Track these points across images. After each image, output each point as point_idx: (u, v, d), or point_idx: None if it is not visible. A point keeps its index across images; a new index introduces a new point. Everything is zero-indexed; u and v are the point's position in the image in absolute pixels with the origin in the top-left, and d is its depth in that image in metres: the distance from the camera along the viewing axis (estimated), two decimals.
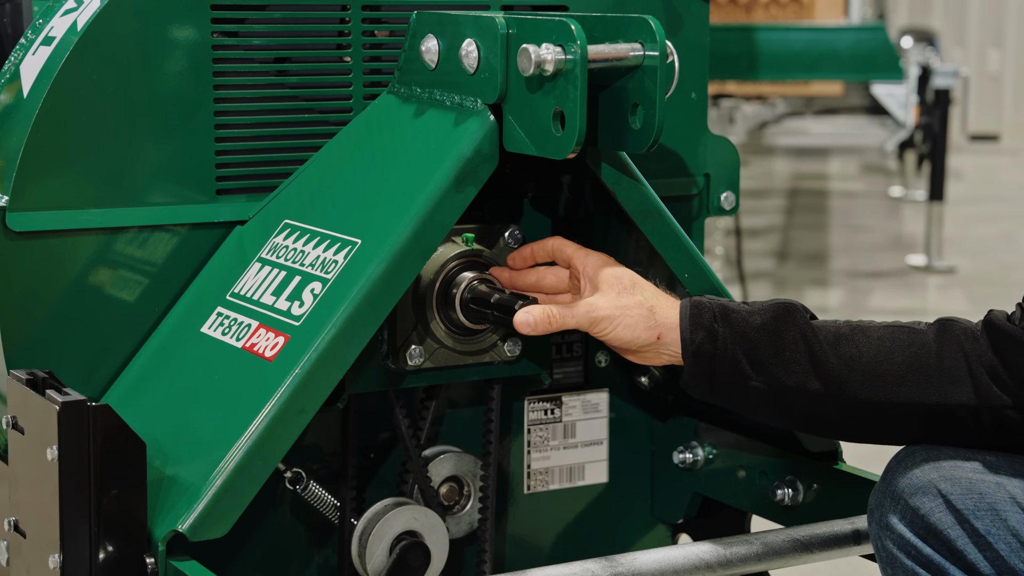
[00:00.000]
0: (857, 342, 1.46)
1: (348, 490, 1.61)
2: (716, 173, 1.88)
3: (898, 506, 1.42)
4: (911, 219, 7.39)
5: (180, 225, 1.62)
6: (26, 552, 1.41)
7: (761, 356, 1.46)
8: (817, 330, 1.47)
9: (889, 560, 1.43)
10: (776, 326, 1.46)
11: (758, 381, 1.46)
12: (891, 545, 1.42)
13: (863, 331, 1.47)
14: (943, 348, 1.45)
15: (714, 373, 1.46)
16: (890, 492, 1.43)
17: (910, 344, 1.46)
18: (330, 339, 1.43)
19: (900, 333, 1.47)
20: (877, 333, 1.47)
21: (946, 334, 1.46)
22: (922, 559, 1.40)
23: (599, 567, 1.46)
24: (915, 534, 1.41)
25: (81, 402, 1.34)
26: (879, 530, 1.44)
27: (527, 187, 1.64)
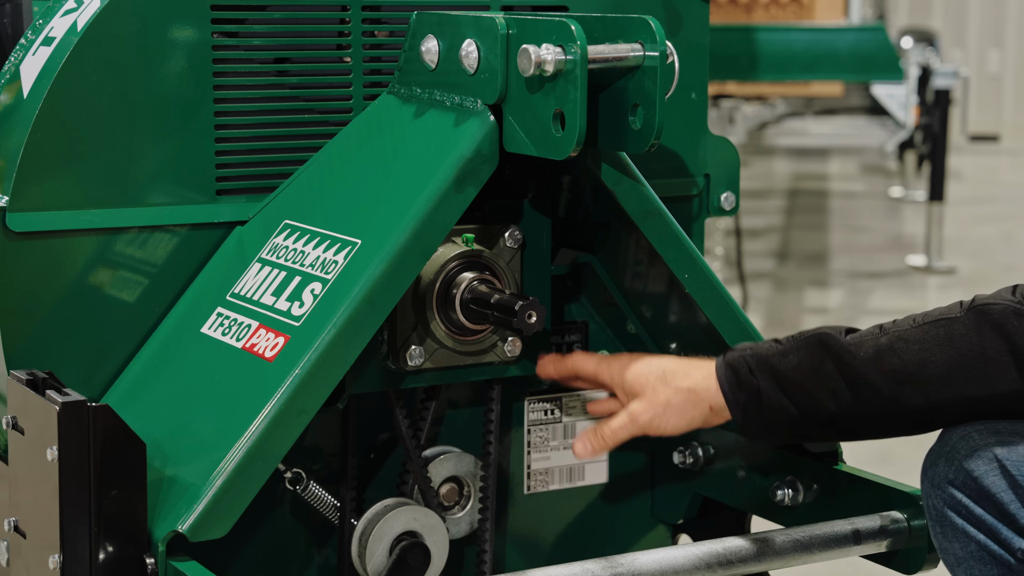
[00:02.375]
0: (898, 351, 1.45)
1: (348, 490, 1.61)
2: (716, 173, 1.88)
3: (952, 466, 1.42)
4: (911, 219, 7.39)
5: (180, 225, 1.62)
6: (26, 552, 1.41)
7: (805, 397, 1.48)
8: (854, 353, 1.46)
9: (939, 518, 1.44)
10: (812, 362, 1.48)
11: (811, 419, 1.48)
12: (942, 504, 1.43)
13: (902, 338, 1.46)
14: (984, 338, 1.42)
15: (769, 424, 1.50)
16: (945, 452, 1.43)
17: (950, 339, 1.43)
18: (330, 339, 1.43)
19: (938, 330, 1.44)
20: (916, 335, 1.45)
21: (984, 321, 1.43)
22: (973, 519, 1.41)
23: (599, 567, 1.46)
24: (967, 495, 1.41)
25: (81, 402, 1.34)
26: (931, 488, 1.44)
27: (527, 187, 1.64)
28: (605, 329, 1.79)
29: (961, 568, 1.43)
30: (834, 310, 5.54)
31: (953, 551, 1.43)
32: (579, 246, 1.72)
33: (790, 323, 5.28)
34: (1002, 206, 7.85)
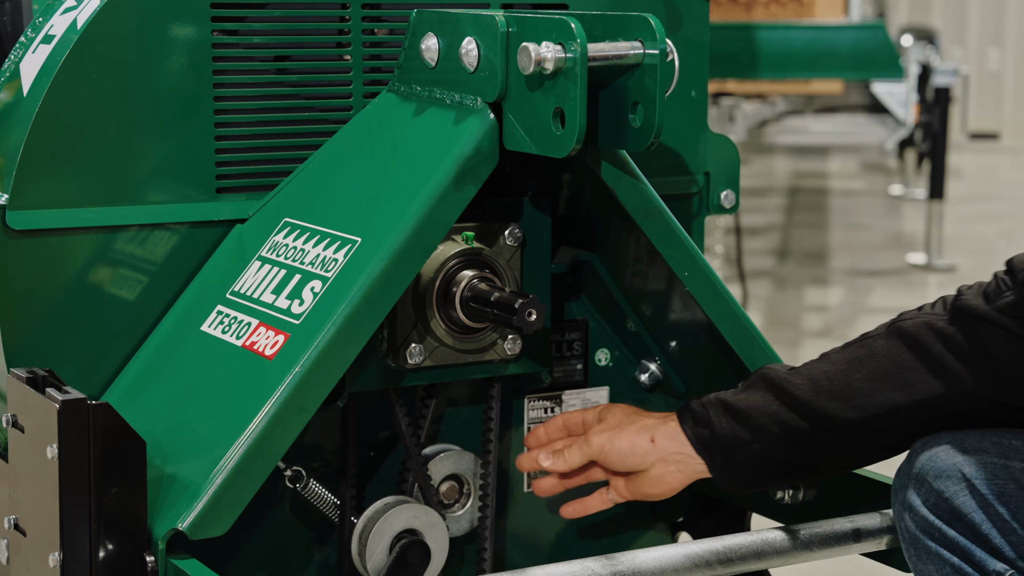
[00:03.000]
0: (827, 373, 1.50)
1: (348, 488, 1.61)
2: (716, 171, 1.88)
3: (922, 488, 1.42)
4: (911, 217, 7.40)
5: (180, 223, 1.62)
6: (26, 550, 1.41)
7: (750, 424, 1.51)
8: (791, 380, 1.52)
9: (912, 541, 1.43)
10: (756, 393, 1.53)
11: (759, 442, 1.52)
12: (914, 527, 1.43)
13: (829, 360, 1.52)
14: (898, 351, 1.46)
15: (725, 449, 1.53)
16: (914, 474, 1.43)
17: (870, 355, 1.48)
18: (330, 337, 1.43)
19: (860, 350, 1.50)
20: (842, 356, 1.51)
21: (898, 336, 1.47)
22: (946, 541, 1.41)
23: (599, 565, 1.46)
24: (938, 517, 1.41)
25: (81, 400, 1.34)
26: (902, 511, 1.44)
27: (527, 186, 1.64)
28: (605, 327, 1.79)
29: None
30: (834, 308, 5.54)
31: (928, 573, 1.43)
32: (579, 244, 1.72)
33: (790, 321, 5.28)
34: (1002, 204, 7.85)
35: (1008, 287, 1.43)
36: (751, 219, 7.06)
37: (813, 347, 4.79)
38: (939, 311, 1.48)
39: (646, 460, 1.56)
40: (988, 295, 1.44)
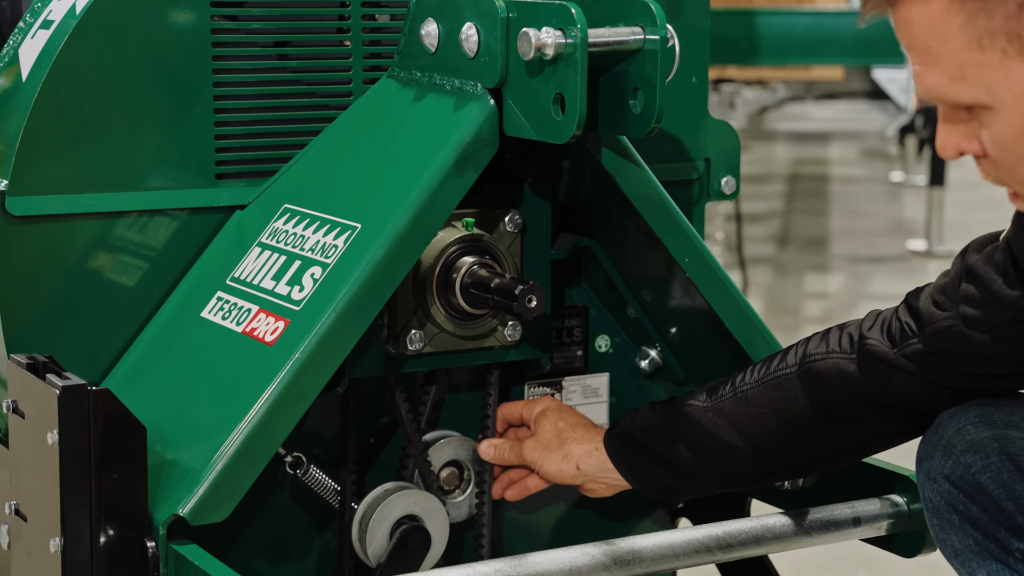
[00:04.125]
0: (749, 416, 1.53)
1: (348, 474, 1.62)
2: (717, 158, 1.87)
3: (948, 460, 1.42)
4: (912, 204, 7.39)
5: (180, 210, 1.62)
6: (27, 536, 1.42)
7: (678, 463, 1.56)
8: (712, 420, 1.55)
9: (935, 511, 1.44)
10: (677, 426, 1.57)
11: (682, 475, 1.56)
12: (938, 498, 1.43)
13: (748, 400, 1.54)
14: (811, 401, 1.50)
15: (652, 480, 1.57)
16: (941, 445, 1.44)
17: (784, 402, 1.52)
18: (330, 324, 1.43)
19: (774, 392, 1.52)
20: (758, 397, 1.53)
21: (808, 381, 1.50)
22: (969, 515, 1.41)
23: (599, 551, 1.46)
24: (962, 491, 1.41)
25: (81, 386, 1.34)
26: (927, 482, 1.45)
27: (527, 172, 1.64)
28: (605, 313, 1.79)
29: (959, 560, 1.43)
30: (834, 295, 5.54)
31: (951, 543, 1.43)
32: (579, 230, 1.72)
33: (790, 308, 5.28)
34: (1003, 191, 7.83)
35: (914, 333, 1.45)
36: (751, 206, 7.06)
37: None
38: (845, 349, 1.50)
39: (574, 482, 1.64)
40: (892, 337, 1.47)
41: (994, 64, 1.22)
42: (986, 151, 1.27)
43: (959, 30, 1.22)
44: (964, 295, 1.40)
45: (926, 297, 1.45)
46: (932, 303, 1.44)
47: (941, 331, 1.42)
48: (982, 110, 1.25)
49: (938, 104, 1.30)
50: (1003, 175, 1.29)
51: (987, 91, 1.23)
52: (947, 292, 1.43)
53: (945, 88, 1.26)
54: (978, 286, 1.39)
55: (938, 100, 1.28)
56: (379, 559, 1.59)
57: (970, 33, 1.22)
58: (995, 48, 1.21)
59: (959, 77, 1.25)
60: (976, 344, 1.40)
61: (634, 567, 1.47)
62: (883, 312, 1.50)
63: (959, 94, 1.26)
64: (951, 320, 1.41)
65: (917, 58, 1.27)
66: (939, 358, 1.43)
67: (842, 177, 8.38)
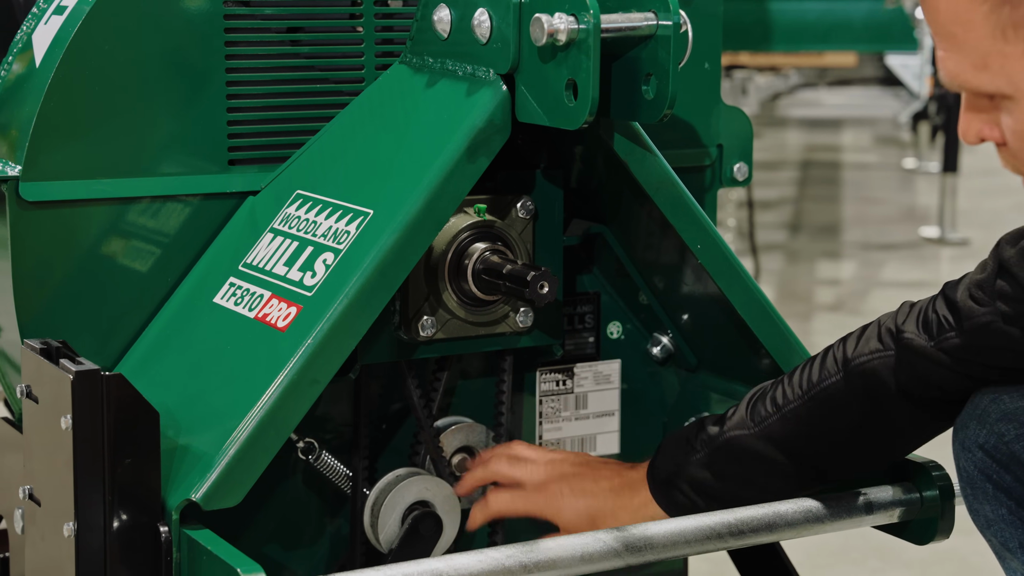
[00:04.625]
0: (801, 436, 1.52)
1: (360, 460, 1.62)
2: (729, 144, 1.87)
3: (983, 429, 1.42)
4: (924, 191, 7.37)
5: (192, 195, 1.62)
6: (41, 520, 1.42)
7: (731, 497, 1.54)
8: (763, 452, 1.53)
9: (969, 481, 1.44)
10: (729, 470, 1.54)
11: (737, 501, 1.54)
12: (972, 467, 1.43)
13: (798, 419, 1.52)
14: (862, 405, 1.48)
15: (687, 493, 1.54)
16: (976, 415, 1.43)
17: (832, 412, 1.50)
18: (342, 310, 1.43)
19: (822, 407, 1.50)
20: (807, 415, 1.51)
21: (858, 384, 1.48)
22: (1003, 485, 1.41)
23: (611, 538, 1.46)
24: (995, 460, 1.41)
25: (95, 371, 1.34)
26: (961, 451, 1.44)
27: (539, 158, 1.64)
28: (617, 300, 1.79)
29: (991, 530, 1.43)
30: (846, 282, 5.53)
31: (984, 513, 1.43)
32: (591, 217, 1.72)
33: (802, 295, 5.27)
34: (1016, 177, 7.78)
35: (952, 327, 1.44)
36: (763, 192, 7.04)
37: (825, 321, 4.78)
38: (888, 346, 1.48)
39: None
40: (929, 330, 1.45)
41: (1016, 55, 1.22)
42: (1006, 139, 1.27)
43: (983, 19, 1.22)
44: (999, 291, 1.40)
45: (964, 291, 1.43)
46: (970, 297, 1.42)
47: (980, 327, 1.41)
48: (1003, 99, 1.25)
49: (960, 91, 1.29)
50: (1021, 164, 1.29)
51: (1008, 81, 1.23)
52: (984, 287, 1.42)
53: (967, 75, 1.26)
54: (1011, 283, 1.39)
55: (960, 87, 1.28)
56: (391, 545, 1.59)
57: (994, 23, 1.21)
58: (1018, 39, 1.21)
59: (981, 66, 1.25)
60: (1015, 340, 1.39)
61: (646, 553, 1.47)
62: (917, 304, 1.49)
63: (981, 82, 1.26)
64: (990, 316, 1.40)
65: (941, 43, 1.27)
66: (977, 353, 1.43)
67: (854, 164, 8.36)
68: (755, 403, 1.54)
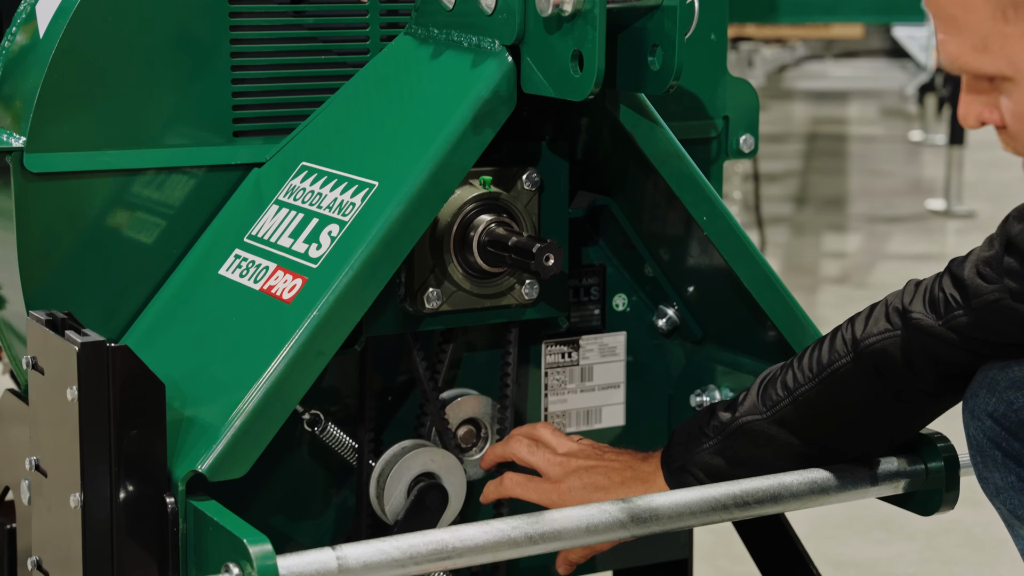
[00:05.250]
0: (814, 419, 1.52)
1: (366, 432, 1.62)
2: (735, 116, 1.86)
3: (992, 397, 1.42)
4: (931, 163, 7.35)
5: (197, 167, 1.62)
6: (47, 491, 1.43)
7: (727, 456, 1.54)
8: (776, 436, 1.53)
9: (978, 448, 1.44)
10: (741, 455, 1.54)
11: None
12: (981, 435, 1.43)
13: (809, 404, 1.52)
14: (872, 385, 1.48)
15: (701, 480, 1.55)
16: (986, 383, 1.43)
17: (845, 391, 1.50)
18: (348, 281, 1.43)
19: (833, 387, 1.50)
20: (818, 398, 1.51)
21: (868, 365, 1.48)
22: (1012, 452, 1.41)
23: (617, 509, 1.46)
24: (1004, 428, 1.41)
25: (100, 343, 1.34)
26: (971, 419, 1.45)
27: (545, 130, 1.63)
28: (623, 272, 1.79)
29: (1000, 498, 1.43)
30: (852, 255, 5.53)
31: (993, 481, 1.43)
32: (597, 189, 1.72)
33: (808, 268, 5.27)
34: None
35: (959, 305, 1.43)
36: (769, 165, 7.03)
37: (831, 293, 4.78)
38: (896, 325, 1.48)
39: None
40: (936, 309, 1.45)
41: (1016, 36, 1.21)
42: (1006, 122, 1.27)
43: (984, 0, 1.21)
44: (1008, 268, 1.39)
45: (971, 268, 1.43)
46: (978, 275, 1.42)
47: (988, 304, 1.40)
48: (1003, 81, 1.25)
49: (960, 73, 1.29)
50: (1021, 147, 1.29)
51: (1009, 63, 1.23)
52: (992, 264, 1.41)
53: (967, 58, 1.25)
54: (1020, 259, 1.38)
55: (960, 69, 1.28)
56: (396, 516, 1.60)
57: (994, 3, 1.21)
58: (1019, 19, 1.20)
59: (982, 48, 1.24)
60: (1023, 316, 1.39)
61: (651, 524, 1.47)
62: (923, 282, 1.49)
63: (981, 64, 1.25)
64: (998, 293, 1.40)
65: (941, 26, 1.26)
66: (985, 331, 1.42)
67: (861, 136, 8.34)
68: (765, 388, 1.54)
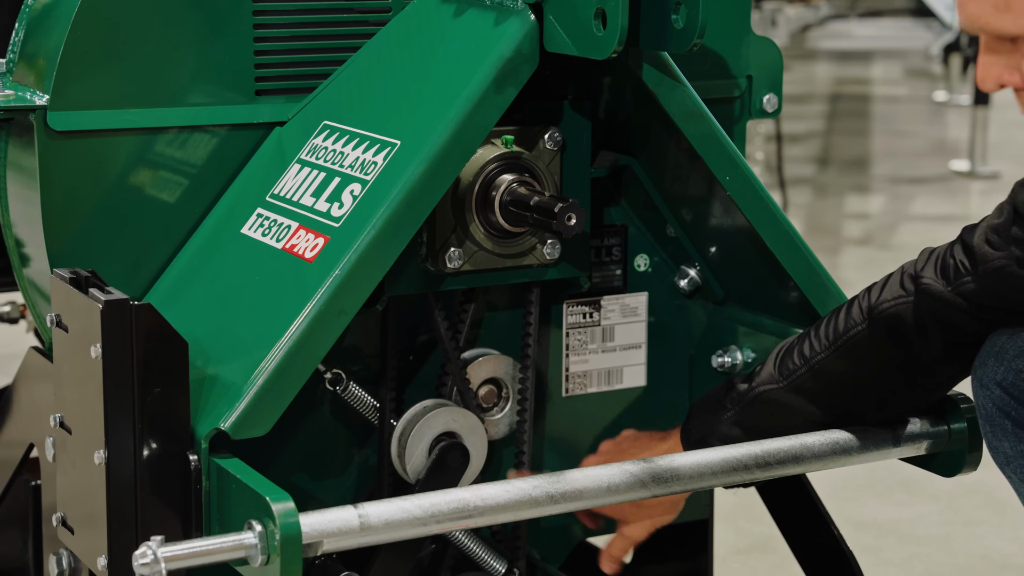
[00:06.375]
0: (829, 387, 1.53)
1: (388, 391, 1.63)
2: (759, 75, 1.85)
3: (1000, 367, 1.42)
4: (955, 124, 7.30)
5: (219, 126, 1.62)
6: (72, 448, 1.44)
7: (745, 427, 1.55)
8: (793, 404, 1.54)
9: (988, 418, 1.44)
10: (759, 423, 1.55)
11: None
12: (991, 404, 1.43)
13: (825, 371, 1.52)
14: (886, 350, 1.49)
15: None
16: (995, 352, 1.43)
17: (859, 359, 1.50)
18: (369, 240, 1.43)
19: (848, 355, 1.50)
20: (833, 366, 1.51)
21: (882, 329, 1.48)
22: (1021, 421, 1.41)
23: (638, 468, 1.47)
24: (1013, 397, 1.41)
25: (124, 301, 1.35)
26: (980, 388, 1.45)
27: (567, 89, 1.62)
28: (645, 232, 1.78)
29: (1011, 467, 1.43)
30: (875, 216, 5.50)
31: (1003, 450, 1.43)
32: (619, 148, 1.71)
33: (830, 229, 5.25)
34: None
35: (967, 271, 1.43)
36: (792, 126, 6.99)
37: (854, 255, 4.76)
38: (909, 291, 1.48)
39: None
40: (947, 275, 1.45)
41: None
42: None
43: None
44: (1015, 237, 1.39)
45: (980, 235, 1.43)
46: (986, 242, 1.42)
47: (994, 271, 1.40)
48: None
49: (980, 34, 1.27)
50: None
51: None
52: (1000, 232, 1.41)
53: (989, 17, 1.24)
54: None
55: (980, 29, 1.26)
56: (418, 475, 1.60)
57: None
58: None
59: (1004, 6, 1.23)
60: None
61: (672, 485, 1.48)
62: (936, 249, 1.49)
63: (1003, 24, 1.24)
64: (1004, 260, 1.40)
65: None
66: (992, 298, 1.42)
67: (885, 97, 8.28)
68: (782, 358, 1.54)
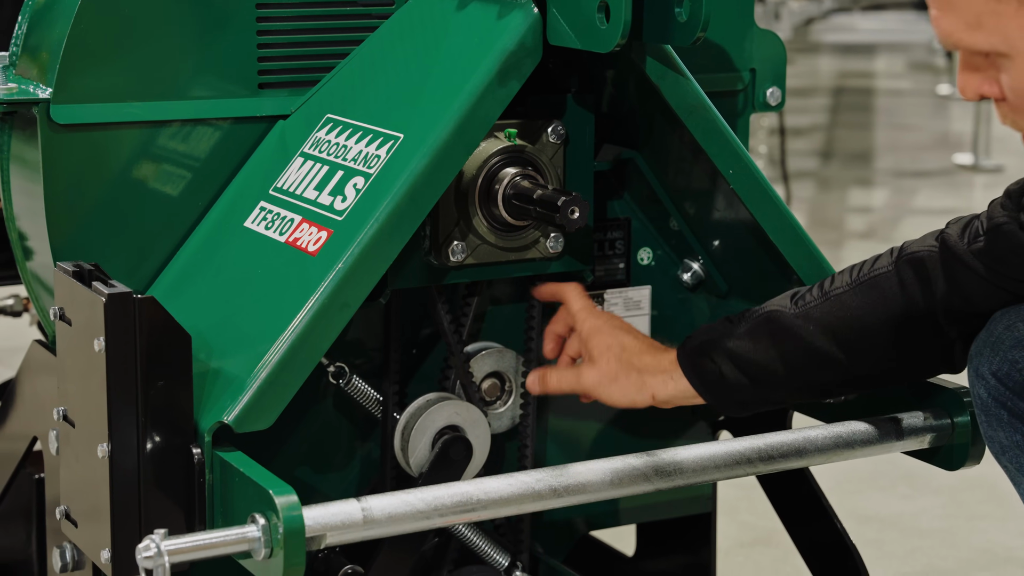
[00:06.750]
0: (843, 320, 1.49)
1: (391, 385, 1.63)
2: (762, 68, 1.85)
3: (996, 357, 1.42)
4: (959, 117, 7.29)
5: (222, 119, 1.62)
6: (75, 441, 1.44)
7: (764, 374, 1.50)
8: (803, 327, 1.49)
9: (984, 408, 1.44)
10: (766, 342, 1.50)
11: (768, 388, 1.51)
12: (986, 395, 1.43)
13: (843, 304, 1.49)
14: (911, 290, 1.47)
15: (739, 402, 1.52)
16: (991, 342, 1.43)
17: (883, 299, 1.48)
18: (373, 234, 1.43)
19: (871, 291, 1.48)
20: (853, 300, 1.49)
21: (908, 270, 1.47)
22: (1017, 411, 1.41)
23: (641, 462, 1.47)
24: (1008, 387, 1.41)
25: (127, 294, 1.35)
26: (976, 378, 1.45)
27: (570, 82, 1.62)
28: (648, 225, 1.78)
29: (1006, 456, 1.44)
30: (878, 209, 5.50)
31: (998, 439, 1.44)
32: (622, 142, 1.71)
33: (834, 222, 5.24)
34: None
35: (984, 231, 1.44)
36: (795, 119, 6.99)
37: (857, 248, 4.76)
38: (937, 243, 1.48)
39: (642, 407, 1.57)
40: (968, 234, 1.46)
41: (1010, 13, 1.22)
42: (1005, 95, 1.27)
43: None
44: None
45: (997, 198, 1.44)
46: (999, 204, 1.43)
47: (997, 227, 1.41)
48: (999, 58, 1.25)
49: (955, 50, 1.28)
50: (1020, 120, 1.29)
51: (1003, 39, 1.23)
52: (1012, 196, 1.42)
53: (961, 35, 1.25)
54: None
55: (954, 46, 1.28)
56: (421, 468, 1.60)
57: None
58: None
59: (975, 25, 1.24)
60: None
61: (675, 478, 1.48)
62: (976, 213, 1.49)
63: (975, 41, 1.25)
64: (1006, 219, 1.41)
65: (935, 3, 1.27)
66: (997, 260, 1.43)
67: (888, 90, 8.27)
68: (799, 290, 1.53)
